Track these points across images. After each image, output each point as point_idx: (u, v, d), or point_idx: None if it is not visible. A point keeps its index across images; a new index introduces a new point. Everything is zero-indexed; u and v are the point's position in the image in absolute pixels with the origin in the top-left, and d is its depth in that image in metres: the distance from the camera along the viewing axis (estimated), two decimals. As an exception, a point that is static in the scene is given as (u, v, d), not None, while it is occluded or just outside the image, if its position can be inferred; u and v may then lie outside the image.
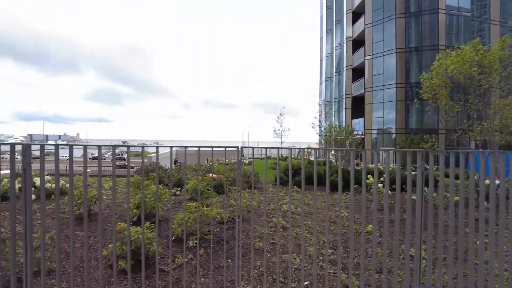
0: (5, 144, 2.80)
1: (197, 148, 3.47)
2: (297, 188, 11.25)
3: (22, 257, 2.87)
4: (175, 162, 31.82)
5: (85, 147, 3.18)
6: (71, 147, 3.02)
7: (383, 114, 29.88)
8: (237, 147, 3.50)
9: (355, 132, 29.35)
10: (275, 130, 31.64)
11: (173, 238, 5.20)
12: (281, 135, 31.52)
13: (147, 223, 4.58)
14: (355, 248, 5.08)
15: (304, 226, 6.39)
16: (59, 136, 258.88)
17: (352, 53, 35.38)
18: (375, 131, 30.73)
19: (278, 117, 31.25)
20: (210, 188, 7.11)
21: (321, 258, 4.82)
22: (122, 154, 34.45)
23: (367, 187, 8.97)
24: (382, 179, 9.30)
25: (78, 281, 3.83)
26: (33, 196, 6.82)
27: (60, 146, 2.98)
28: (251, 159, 27.05)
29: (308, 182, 10.79)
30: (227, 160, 24.05)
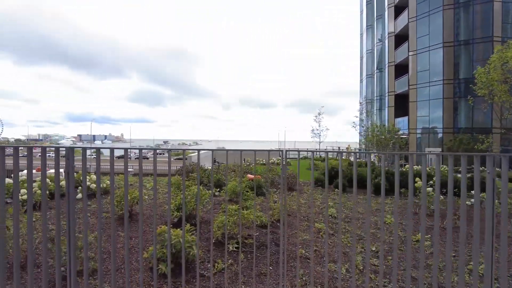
0: (50, 146, 2.86)
1: (238, 150, 3.28)
2: (338, 190, 10.78)
3: (66, 256, 2.88)
4: (214, 161, 32.41)
5: (126, 150, 3.11)
6: (112, 151, 2.97)
7: (429, 112, 28.13)
8: (281, 150, 3.27)
9: (400, 132, 27.91)
10: (313, 130, 30.98)
11: (213, 241, 5.08)
12: (320, 135, 30.77)
13: (188, 225, 4.48)
14: (401, 258, 4.63)
15: (348, 232, 6.01)
16: (105, 136, 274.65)
17: (395, 48, 33.76)
18: (419, 131, 29.03)
19: (316, 116, 30.61)
20: (249, 190, 6.94)
21: (368, 268, 4.44)
22: (163, 154, 35.60)
23: (414, 190, 8.34)
24: (431, 182, 8.61)
25: (119, 283, 3.80)
26: (80, 195, 7.07)
27: (105, 147, 2.98)
28: (289, 159, 26.61)
29: (349, 184, 10.30)
30: (263, 160, 23.90)
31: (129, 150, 3.17)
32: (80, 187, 7.69)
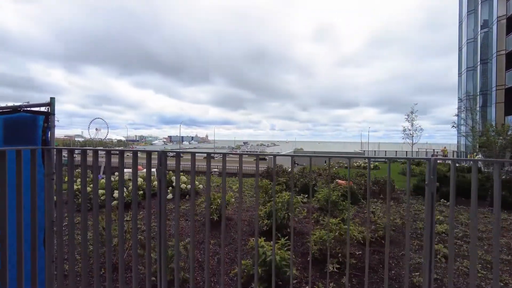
0: (142, 151, 2.71)
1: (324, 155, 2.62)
2: (444, 201, 9.19)
3: (157, 265, 2.64)
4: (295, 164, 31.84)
5: (208, 154, 2.73)
6: (193, 155, 2.62)
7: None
8: (387, 159, 2.49)
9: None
10: (404, 130, 28.12)
11: (310, 259, 4.47)
12: (412, 136, 27.78)
13: (282, 239, 3.94)
14: None
15: (468, 255, 4.80)
16: (192, 137, 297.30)
17: (506, 34, 28.74)
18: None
19: (408, 115, 27.70)
20: (346, 200, 6.14)
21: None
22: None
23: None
24: None
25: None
26: (170, 196, 7.15)
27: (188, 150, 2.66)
28: (375, 162, 24.65)
29: (458, 193, 8.68)
30: (345, 163, 22.51)
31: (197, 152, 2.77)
32: (171, 188, 7.84)
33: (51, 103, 2.84)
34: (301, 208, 5.59)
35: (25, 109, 2.92)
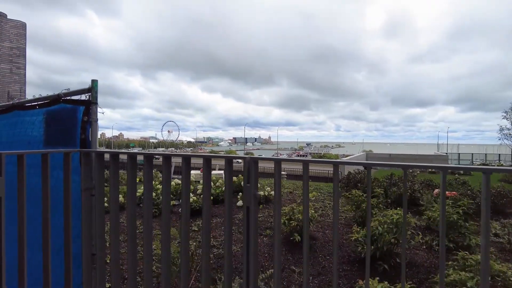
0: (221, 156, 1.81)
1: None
2: None
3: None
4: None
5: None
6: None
7: None
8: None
9: None
10: (501, 129, 23.98)
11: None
12: (513, 136, 23.58)
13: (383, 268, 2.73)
14: None
15: None
16: (255, 139, 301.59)
17: None
18: None
19: (506, 112, 23.56)
20: (468, 219, 4.60)
21: None
22: (306, 155, 35.01)
23: None
24: None
25: None
26: (240, 202, 6.31)
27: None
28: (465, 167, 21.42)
29: None
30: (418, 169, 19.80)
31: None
32: (240, 193, 7.03)
33: (92, 88, 2.05)
34: (413, 231, 4.20)
35: (65, 98, 2.19)
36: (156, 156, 1.86)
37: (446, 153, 34.94)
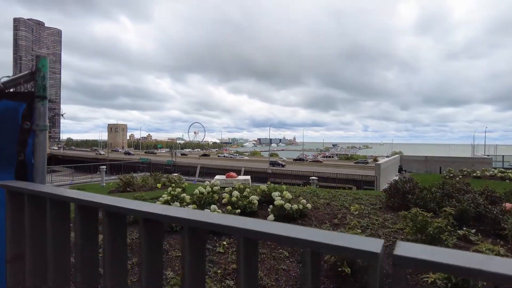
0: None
1: None
2: None
3: None
4: (400, 170, 27.52)
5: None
6: None
7: None
8: None
9: None
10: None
11: None
12: None
13: None
14: None
15: None
16: (279, 140, 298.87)
17: None
18: None
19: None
20: None
21: None
22: (333, 156, 33.75)
23: None
24: None
25: None
26: (271, 217, 5.37)
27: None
28: (504, 169, 19.75)
29: None
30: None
31: None
32: (271, 206, 6.10)
33: (37, 71, 1.22)
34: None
35: (7, 91, 1.38)
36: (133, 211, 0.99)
37: (488, 155, 32.28)
